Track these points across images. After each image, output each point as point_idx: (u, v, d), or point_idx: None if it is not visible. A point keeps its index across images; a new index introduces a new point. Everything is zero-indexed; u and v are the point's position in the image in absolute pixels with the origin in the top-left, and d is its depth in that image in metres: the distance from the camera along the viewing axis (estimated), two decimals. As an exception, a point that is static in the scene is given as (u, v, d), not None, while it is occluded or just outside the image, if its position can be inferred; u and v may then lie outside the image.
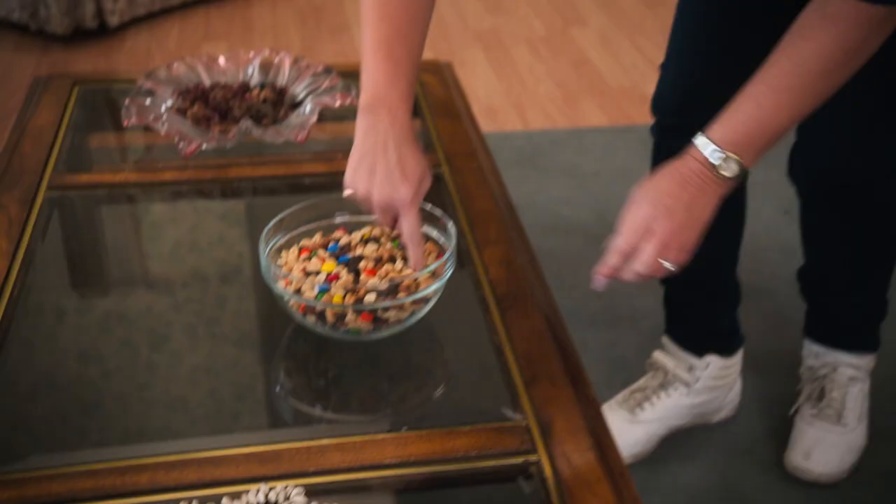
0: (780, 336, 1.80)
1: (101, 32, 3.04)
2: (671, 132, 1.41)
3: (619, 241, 0.99)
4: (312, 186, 1.36)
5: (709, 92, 1.34)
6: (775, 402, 1.67)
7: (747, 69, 1.33)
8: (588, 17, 3.30)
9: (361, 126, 1.00)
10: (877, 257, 1.48)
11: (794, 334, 1.65)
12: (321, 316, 1.02)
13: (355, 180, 1.00)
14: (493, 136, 2.49)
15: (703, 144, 1.00)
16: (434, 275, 1.04)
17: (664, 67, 1.39)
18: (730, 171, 0.98)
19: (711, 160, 0.99)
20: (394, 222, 1.05)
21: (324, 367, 1.06)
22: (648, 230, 0.98)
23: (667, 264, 0.99)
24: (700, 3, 1.32)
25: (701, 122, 1.35)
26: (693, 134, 1.36)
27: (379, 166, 0.99)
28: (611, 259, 1.00)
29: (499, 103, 2.74)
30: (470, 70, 2.92)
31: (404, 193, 0.98)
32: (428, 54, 3.56)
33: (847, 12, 0.92)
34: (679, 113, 1.38)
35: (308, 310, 1.02)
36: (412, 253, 1.02)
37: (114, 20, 3.02)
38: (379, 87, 1.00)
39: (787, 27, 1.30)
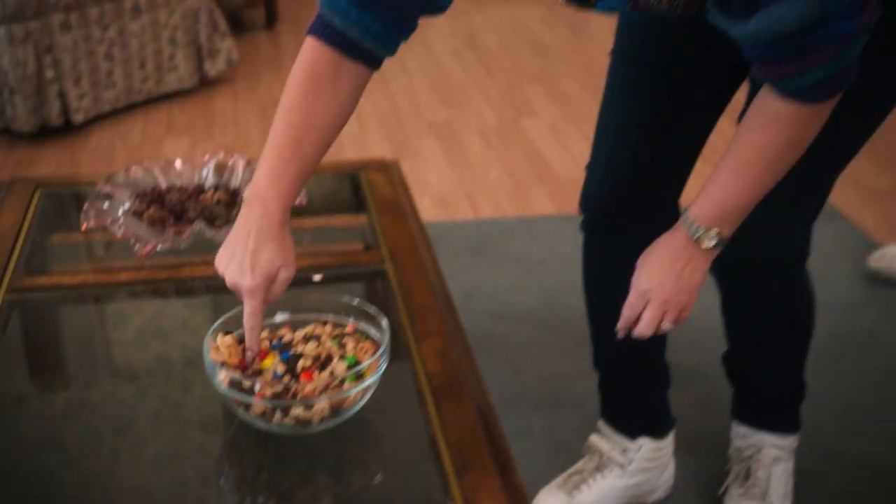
0: (711, 417, 1.84)
1: (67, 129, 3.10)
2: (599, 228, 1.51)
3: (625, 310, 1.22)
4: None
5: (633, 190, 1.44)
6: (707, 483, 1.71)
7: (668, 168, 1.44)
8: (539, 108, 3.42)
9: (240, 215, 1.10)
10: (793, 340, 1.56)
11: (724, 416, 1.70)
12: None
13: (218, 261, 1.10)
14: (445, 225, 2.58)
15: (685, 221, 1.16)
16: (361, 376, 1.10)
17: (590, 168, 1.48)
18: (710, 242, 1.16)
19: (693, 235, 1.15)
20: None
21: (263, 459, 1.11)
22: (647, 300, 1.20)
23: (665, 325, 1.21)
24: (619, 109, 1.42)
25: (627, 218, 1.46)
26: (620, 229, 1.47)
27: (236, 253, 1.07)
28: (621, 322, 1.23)
29: (451, 192, 2.82)
30: (423, 160, 3.01)
31: (247, 282, 1.06)
32: (383, 145, 3.60)
33: (784, 110, 1.06)
34: (606, 211, 1.48)
35: (240, 404, 1.09)
36: (247, 338, 1.11)
37: (79, 117, 3.08)
38: (261, 183, 1.09)
39: (703, 129, 1.41)
